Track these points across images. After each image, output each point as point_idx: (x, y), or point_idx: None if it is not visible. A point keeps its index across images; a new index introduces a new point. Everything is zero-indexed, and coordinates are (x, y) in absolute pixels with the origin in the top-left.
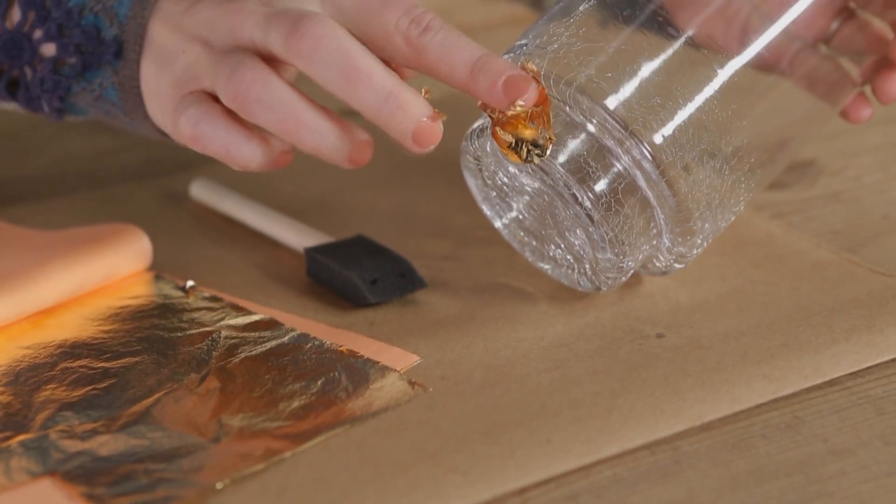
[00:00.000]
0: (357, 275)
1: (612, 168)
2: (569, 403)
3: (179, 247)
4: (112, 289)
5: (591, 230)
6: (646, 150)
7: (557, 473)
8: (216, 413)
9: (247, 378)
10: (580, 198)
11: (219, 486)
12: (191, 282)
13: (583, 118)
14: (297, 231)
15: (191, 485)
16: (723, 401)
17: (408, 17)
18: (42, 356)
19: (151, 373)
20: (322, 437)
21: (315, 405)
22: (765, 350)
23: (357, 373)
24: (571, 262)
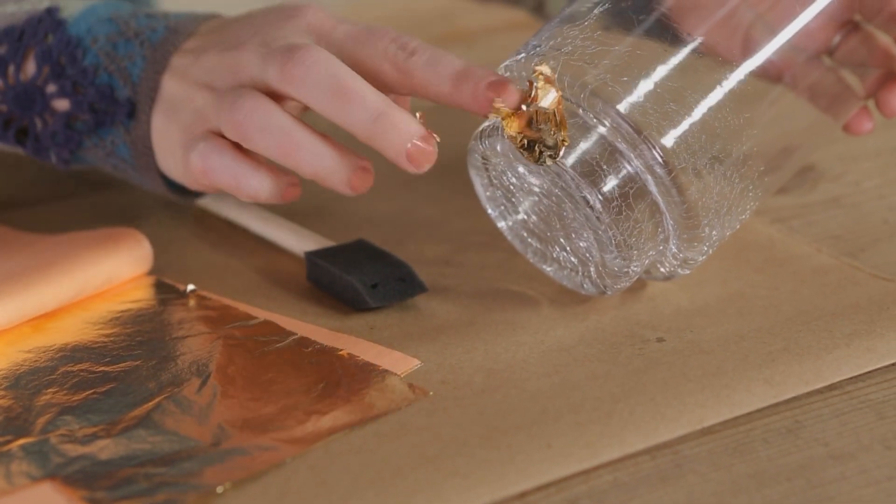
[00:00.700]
0: (357, 279)
1: (624, 172)
2: (569, 408)
3: (180, 251)
4: (113, 293)
5: (601, 233)
6: (658, 155)
7: (558, 478)
8: (217, 417)
9: (247, 382)
10: (591, 200)
11: (219, 490)
12: (191, 286)
13: (596, 121)
14: (298, 235)
15: (191, 489)
16: (723, 405)
17: (395, 44)
18: (43, 360)
19: (152, 377)
20: (322, 442)
21: (315, 409)
22: (765, 354)
23: (357, 377)
24: (576, 265)
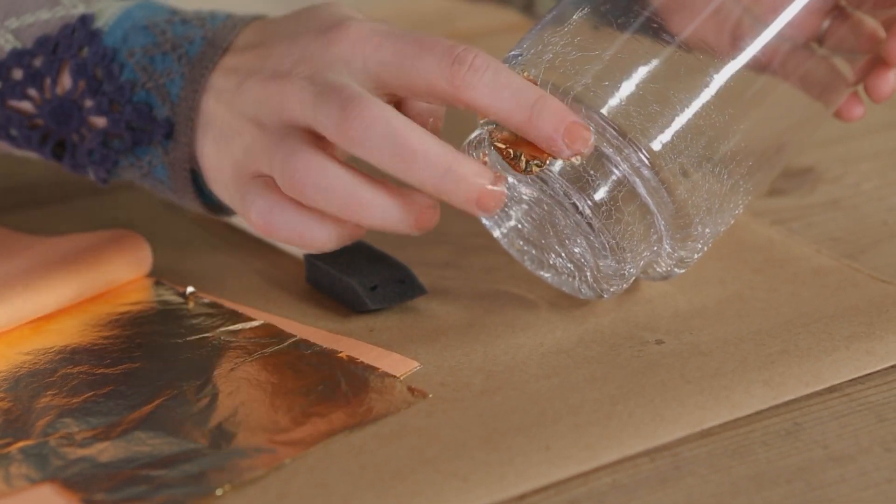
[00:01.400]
0: (357, 281)
1: (611, 176)
2: (568, 410)
3: (179, 253)
4: (112, 295)
5: (592, 238)
6: (644, 157)
7: (557, 480)
8: (216, 419)
9: (246, 384)
10: (580, 206)
11: (219, 493)
12: (191, 288)
13: None
14: None
15: (191, 491)
16: (722, 407)
17: (449, 58)
18: (42, 362)
19: (151, 379)
20: (322, 444)
21: (315, 411)
22: (764, 356)
23: (357, 379)
24: (572, 270)
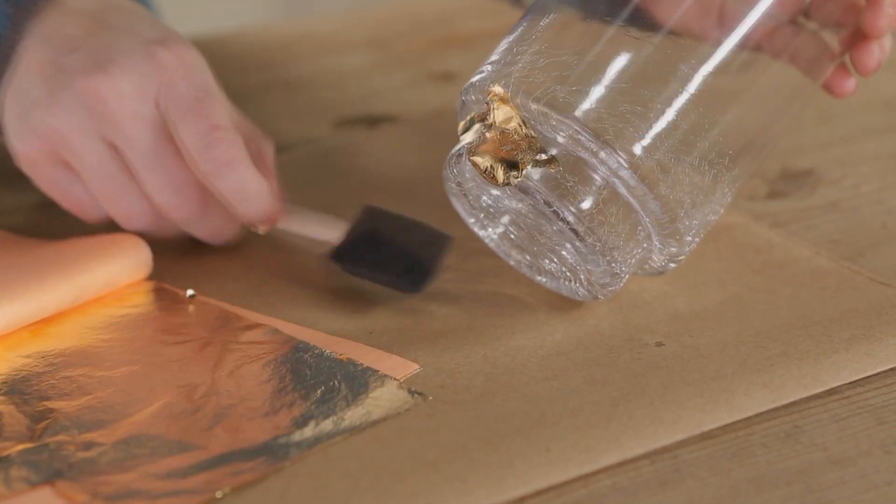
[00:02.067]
0: (388, 279)
1: (591, 180)
2: (568, 412)
3: (179, 256)
4: (112, 297)
5: (578, 244)
6: (621, 159)
7: (556, 482)
8: (216, 422)
9: (246, 387)
10: (562, 213)
11: (219, 495)
12: (190, 291)
13: (554, 134)
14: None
15: (191, 493)
16: (722, 409)
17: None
18: (42, 365)
19: (151, 382)
20: (321, 446)
21: (315, 414)
22: (764, 359)
23: (356, 381)
24: (567, 274)
